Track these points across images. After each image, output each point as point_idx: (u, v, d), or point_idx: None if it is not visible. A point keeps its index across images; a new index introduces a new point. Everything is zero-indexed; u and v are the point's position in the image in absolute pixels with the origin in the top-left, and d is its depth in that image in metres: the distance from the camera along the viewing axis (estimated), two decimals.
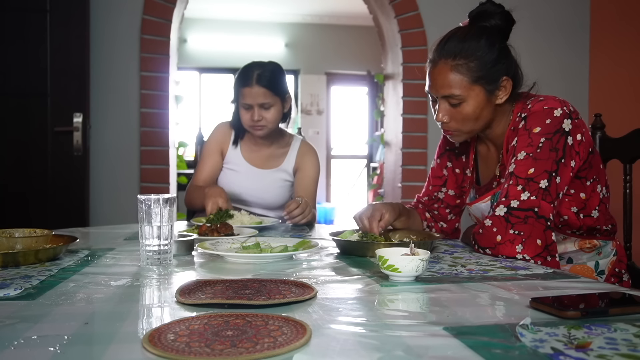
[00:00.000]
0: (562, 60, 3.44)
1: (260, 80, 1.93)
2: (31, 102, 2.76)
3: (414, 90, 3.29)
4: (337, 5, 6.70)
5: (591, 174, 1.35)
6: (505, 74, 1.33)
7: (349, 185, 7.71)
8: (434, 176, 1.64)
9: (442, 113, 1.36)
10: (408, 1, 3.27)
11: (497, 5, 1.37)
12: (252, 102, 1.94)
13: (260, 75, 1.94)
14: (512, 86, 1.35)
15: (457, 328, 0.67)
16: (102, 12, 3.01)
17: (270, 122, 1.98)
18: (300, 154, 2.12)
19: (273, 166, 2.10)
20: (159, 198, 1.11)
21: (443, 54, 1.33)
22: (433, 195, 1.63)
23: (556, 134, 1.27)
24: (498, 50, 1.33)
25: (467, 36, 1.33)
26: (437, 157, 1.64)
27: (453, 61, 1.32)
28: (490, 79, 1.32)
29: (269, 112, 1.97)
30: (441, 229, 1.62)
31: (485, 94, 1.33)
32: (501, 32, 1.36)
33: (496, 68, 1.32)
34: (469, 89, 1.32)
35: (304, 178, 2.09)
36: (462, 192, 1.60)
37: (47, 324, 0.69)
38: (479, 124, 1.37)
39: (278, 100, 1.99)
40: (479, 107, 1.33)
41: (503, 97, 1.35)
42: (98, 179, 3.01)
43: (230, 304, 0.76)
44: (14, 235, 1.20)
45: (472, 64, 1.31)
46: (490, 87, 1.33)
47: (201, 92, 7.21)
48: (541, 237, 1.21)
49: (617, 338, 0.62)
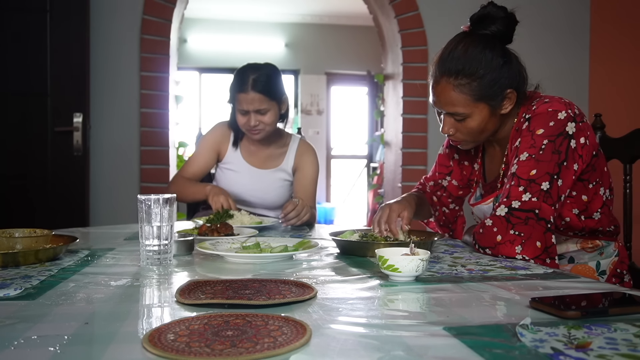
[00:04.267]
0: (562, 60, 3.43)
1: (256, 86, 1.90)
2: (31, 102, 2.76)
3: (414, 90, 3.29)
4: (337, 5, 6.69)
5: (594, 177, 1.34)
6: (510, 87, 1.31)
7: (349, 185, 7.71)
8: (440, 163, 1.64)
9: (448, 126, 1.36)
10: (408, 1, 3.27)
11: (499, 7, 1.33)
12: (248, 107, 1.92)
13: (256, 80, 1.91)
14: (519, 95, 1.34)
15: (457, 328, 0.67)
16: (102, 12, 3.01)
17: (268, 126, 1.97)
18: (299, 153, 2.12)
19: (272, 166, 2.10)
20: (159, 198, 1.11)
21: (445, 72, 1.31)
22: (438, 181, 1.65)
23: (559, 136, 1.26)
24: (500, 64, 1.30)
25: (469, 51, 1.30)
26: (445, 146, 1.64)
27: (455, 80, 1.30)
28: (494, 95, 1.31)
29: (265, 116, 1.95)
30: (444, 214, 1.64)
31: (490, 109, 1.32)
32: (503, 37, 1.34)
33: (500, 83, 1.30)
34: (472, 107, 1.31)
35: (302, 178, 2.09)
36: (467, 184, 1.61)
37: (47, 324, 0.69)
38: (485, 134, 1.37)
39: (274, 104, 1.96)
40: (484, 122, 1.33)
41: (508, 107, 1.34)
42: (98, 179, 3.01)
43: (230, 304, 0.76)
44: (14, 235, 1.20)
45: (475, 83, 1.29)
46: (494, 102, 1.31)
47: (201, 92, 7.20)
48: (541, 239, 1.20)
49: (617, 338, 0.62)
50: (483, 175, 1.53)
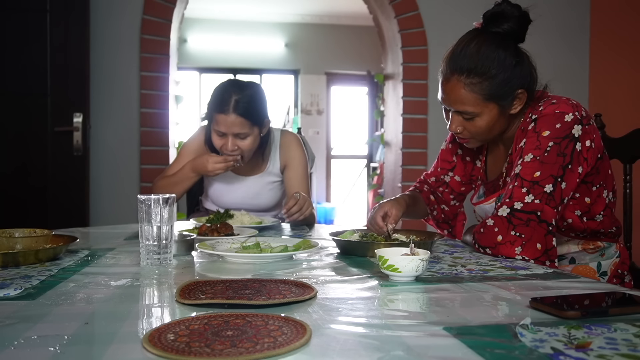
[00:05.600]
0: (562, 60, 3.43)
1: (237, 108, 1.76)
2: (31, 101, 2.76)
3: (414, 90, 3.29)
4: (337, 5, 6.70)
5: (598, 180, 1.33)
6: (521, 87, 1.30)
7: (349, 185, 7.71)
8: (442, 159, 1.64)
9: (456, 124, 1.35)
10: (408, 1, 3.27)
11: (514, 6, 1.31)
12: (227, 131, 1.78)
13: (238, 102, 1.76)
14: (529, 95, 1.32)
15: (457, 328, 0.67)
16: (102, 12, 3.01)
17: (246, 151, 1.83)
18: (283, 149, 2.00)
19: (258, 171, 2.00)
20: (159, 198, 1.11)
21: (456, 70, 1.29)
22: (440, 177, 1.63)
23: (565, 139, 1.25)
24: (513, 64, 1.28)
25: (481, 50, 1.28)
26: (448, 141, 1.63)
27: (466, 79, 1.28)
28: (505, 95, 1.29)
29: (244, 141, 1.81)
30: (443, 212, 1.63)
31: (499, 109, 1.31)
32: (516, 36, 1.32)
33: (511, 84, 1.29)
34: (482, 106, 1.30)
35: (293, 177, 1.99)
36: (470, 180, 1.60)
37: (47, 324, 0.69)
38: (492, 134, 1.37)
39: (256, 129, 1.82)
40: (492, 121, 1.32)
41: (518, 107, 1.33)
42: (98, 179, 3.01)
43: (230, 304, 0.76)
44: (14, 235, 1.20)
45: (487, 82, 1.27)
46: (504, 102, 1.30)
47: (201, 92, 7.20)
48: (541, 241, 1.20)
49: (617, 338, 0.62)
50: (485, 173, 1.53)
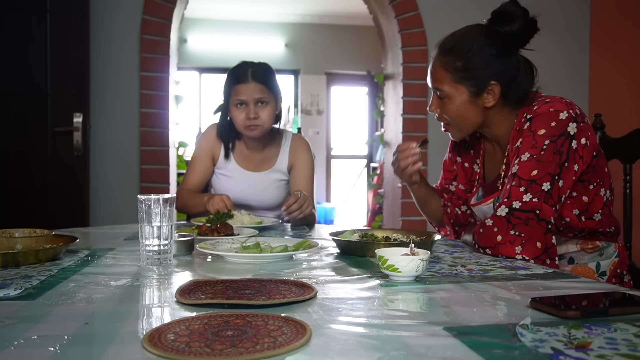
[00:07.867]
0: (562, 60, 3.43)
1: (256, 76, 1.92)
2: (31, 102, 2.76)
3: (414, 90, 3.29)
4: (337, 5, 6.70)
5: (595, 178, 1.34)
6: (495, 79, 1.33)
7: (349, 185, 7.71)
8: (445, 169, 1.67)
9: (434, 105, 1.42)
10: (408, 1, 3.27)
11: (520, 8, 1.32)
12: (248, 97, 1.91)
13: (255, 72, 1.93)
14: (505, 93, 1.34)
15: (457, 328, 0.67)
16: (102, 12, 3.01)
17: (266, 122, 1.94)
18: (292, 150, 2.09)
19: (266, 168, 2.07)
20: (159, 198, 1.11)
21: (440, 49, 1.38)
22: (445, 187, 1.66)
23: (561, 137, 1.26)
24: (494, 55, 1.32)
25: (467, 35, 1.34)
26: (448, 151, 1.66)
27: (444, 57, 1.36)
28: (476, 81, 1.33)
29: (264, 110, 1.93)
30: (456, 215, 1.63)
31: (469, 95, 1.35)
32: (515, 40, 1.33)
33: (486, 72, 1.32)
34: (453, 87, 1.35)
35: (299, 177, 2.06)
36: (472, 187, 1.60)
37: (47, 324, 0.69)
38: (467, 123, 1.39)
39: (273, 99, 1.96)
40: (462, 107, 1.36)
41: (491, 101, 1.35)
42: (98, 179, 3.01)
43: (230, 304, 0.76)
44: (14, 235, 1.20)
45: (459, 63, 1.33)
46: (474, 89, 1.34)
47: (201, 92, 7.21)
48: (541, 240, 1.20)
49: (617, 338, 0.62)
50: (483, 176, 1.53)
